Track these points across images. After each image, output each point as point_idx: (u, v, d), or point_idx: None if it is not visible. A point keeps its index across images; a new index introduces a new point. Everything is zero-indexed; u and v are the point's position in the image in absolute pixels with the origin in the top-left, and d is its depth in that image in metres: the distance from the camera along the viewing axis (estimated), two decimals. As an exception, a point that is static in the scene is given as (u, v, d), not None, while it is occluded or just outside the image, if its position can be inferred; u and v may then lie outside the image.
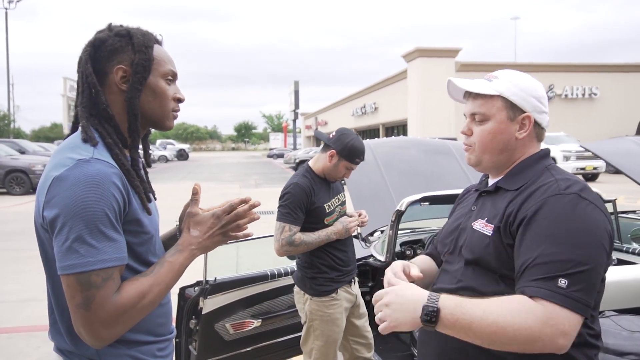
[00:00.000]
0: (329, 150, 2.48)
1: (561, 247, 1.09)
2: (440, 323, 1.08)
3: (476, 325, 1.05)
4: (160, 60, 1.28)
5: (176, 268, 1.25)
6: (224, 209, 1.32)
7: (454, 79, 1.37)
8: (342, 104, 42.61)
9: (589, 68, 26.36)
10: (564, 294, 1.05)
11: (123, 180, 1.17)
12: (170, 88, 1.30)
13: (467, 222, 1.37)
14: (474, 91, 1.33)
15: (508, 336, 1.05)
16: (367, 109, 34.58)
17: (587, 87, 25.57)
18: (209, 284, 2.52)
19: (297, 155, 26.16)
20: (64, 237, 1.09)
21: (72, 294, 1.10)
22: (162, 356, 1.31)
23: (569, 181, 1.20)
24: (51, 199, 1.11)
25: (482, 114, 1.32)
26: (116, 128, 1.25)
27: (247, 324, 2.64)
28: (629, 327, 1.60)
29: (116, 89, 1.24)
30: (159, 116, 1.29)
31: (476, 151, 1.35)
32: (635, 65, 26.86)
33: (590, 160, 16.45)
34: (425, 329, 1.18)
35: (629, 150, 3.68)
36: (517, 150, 1.33)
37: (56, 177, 1.11)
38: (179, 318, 2.57)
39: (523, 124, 1.31)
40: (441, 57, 24.57)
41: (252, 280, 2.65)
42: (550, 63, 25.85)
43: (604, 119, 24.84)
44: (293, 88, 44.17)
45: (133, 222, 1.19)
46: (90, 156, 1.14)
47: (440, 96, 23.79)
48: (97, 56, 1.24)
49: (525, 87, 1.30)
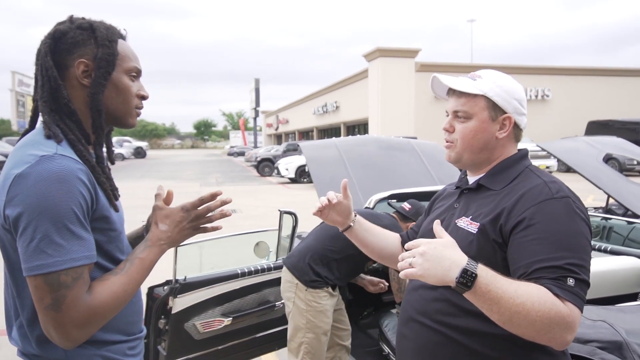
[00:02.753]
0: (409, 222, 2.74)
1: (566, 250, 1.15)
2: (472, 290, 1.07)
3: (504, 302, 1.07)
4: (124, 55, 1.24)
5: (147, 264, 1.22)
6: (193, 203, 1.30)
7: (439, 76, 1.41)
8: (304, 102, 42.58)
9: (542, 70, 27.35)
10: (575, 292, 1.12)
11: (89, 177, 1.13)
12: (134, 85, 1.27)
13: (451, 219, 1.40)
14: (459, 89, 1.36)
15: (529, 320, 1.07)
16: (329, 108, 34.70)
17: (540, 88, 26.53)
18: (178, 282, 2.50)
19: (258, 153, 25.99)
20: (29, 237, 1.04)
21: (40, 295, 1.06)
22: (132, 355, 1.28)
23: (556, 184, 1.27)
24: (13, 197, 1.06)
25: (465, 111, 1.35)
26: (78, 124, 1.20)
27: (217, 323, 2.62)
28: (591, 316, 1.69)
29: (77, 83, 1.20)
30: (121, 113, 1.26)
31: (457, 148, 1.38)
32: (585, 69, 28.07)
33: (544, 159, 17.08)
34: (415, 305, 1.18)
35: (582, 150, 3.86)
36: (496, 150, 1.37)
37: (18, 174, 1.07)
38: (147, 318, 2.53)
39: (504, 125, 1.35)
40: (401, 57, 24.91)
41: (222, 279, 2.64)
42: (506, 65, 26.60)
43: (555, 120, 25.83)
44: (253, 86, 43.88)
45: (101, 219, 1.16)
46: (53, 152, 1.10)
47: (401, 95, 24.18)
48: (57, 49, 1.19)
49: (507, 88, 1.35)
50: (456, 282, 1.07)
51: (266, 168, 22.34)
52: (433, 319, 1.33)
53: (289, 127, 49.33)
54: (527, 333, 1.10)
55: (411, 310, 1.41)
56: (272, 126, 56.37)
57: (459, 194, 1.45)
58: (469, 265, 1.08)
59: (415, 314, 1.38)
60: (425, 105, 23.94)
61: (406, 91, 24.27)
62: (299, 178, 18.23)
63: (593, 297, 2.43)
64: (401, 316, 1.47)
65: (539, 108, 26.21)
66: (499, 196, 1.30)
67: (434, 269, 1.08)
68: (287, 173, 18.88)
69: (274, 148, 26.93)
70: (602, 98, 26.94)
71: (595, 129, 19.45)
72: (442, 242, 1.12)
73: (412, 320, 1.39)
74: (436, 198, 1.62)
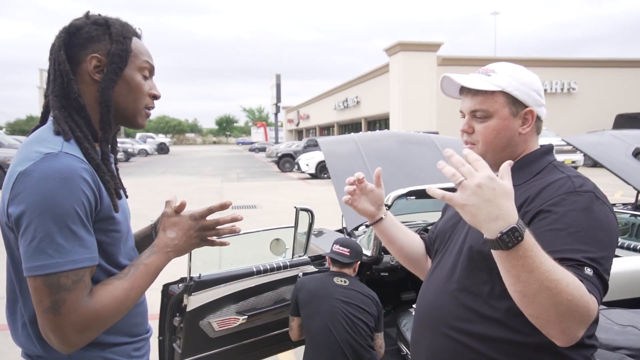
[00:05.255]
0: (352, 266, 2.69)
1: (584, 244, 1.07)
2: (514, 249, 0.95)
3: (539, 272, 0.95)
4: (137, 53, 1.23)
5: (152, 271, 1.20)
6: (202, 212, 1.28)
7: (451, 75, 1.32)
8: (324, 97, 42.53)
9: (568, 63, 26.76)
10: (594, 283, 1.04)
11: (93, 176, 1.11)
12: (146, 83, 1.25)
13: None
14: (475, 87, 1.27)
15: (556, 300, 0.96)
16: (349, 103, 34.58)
17: (566, 81, 25.97)
18: (193, 280, 2.48)
19: (279, 149, 26.03)
20: (30, 236, 1.02)
21: (39, 297, 1.03)
22: (138, 356, 1.26)
23: (581, 179, 1.20)
24: (16, 195, 1.04)
25: (484, 110, 1.27)
26: (87, 120, 1.19)
27: (233, 321, 2.60)
28: (620, 321, 1.61)
29: (88, 78, 1.18)
30: (131, 111, 1.24)
31: (480, 149, 1.29)
32: (612, 61, 27.38)
33: (569, 154, 16.72)
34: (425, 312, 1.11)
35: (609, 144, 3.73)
36: (519, 146, 1.30)
37: (21, 172, 1.05)
38: (162, 315, 2.52)
39: (526, 119, 1.28)
40: (423, 51, 24.67)
41: (237, 277, 2.61)
42: (530, 58, 26.14)
43: (582, 113, 25.27)
44: (274, 82, 43.93)
45: (105, 220, 1.14)
46: (58, 150, 1.08)
47: (422, 90, 23.94)
48: (71, 43, 1.18)
49: (525, 81, 1.27)
50: (498, 236, 0.94)
51: (287, 164, 22.36)
52: (448, 325, 1.26)
53: (310, 123, 49.35)
54: (543, 315, 0.99)
55: (424, 315, 1.35)
56: (293, 122, 56.49)
57: None
58: (519, 226, 0.95)
59: (429, 320, 1.32)
60: (448, 100, 23.41)
61: (428, 86, 24.01)
62: (320, 174, 18.18)
63: (622, 298, 2.33)
64: (414, 322, 1.41)
65: (564, 101, 25.66)
66: (520, 190, 1.22)
67: (479, 209, 0.94)
68: (308, 169, 18.87)
69: (294, 144, 26.95)
70: (631, 90, 26.23)
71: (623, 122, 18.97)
72: (503, 187, 0.96)
73: (426, 326, 1.33)
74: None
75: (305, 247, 2.95)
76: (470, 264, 1.25)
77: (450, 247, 1.37)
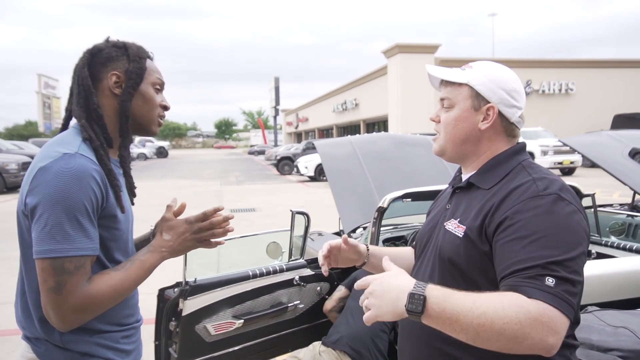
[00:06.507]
0: None
1: (547, 249, 1.06)
2: (425, 313, 1.01)
3: (463, 317, 0.99)
4: (151, 70, 1.41)
5: (146, 267, 1.34)
6: (197, 217, 1.42)
7: (429, 67, 1.38)
8: (323, 100, 42.56)
9: (565, 64, 26.79)
10: (554, 293, 1.02)
11: (102, 177, 1.25)
12: (158, 96, 1.43)
13: (442, 221, 1.33)
14: (446, 78, 1.32)
15: (495, 330, 0.98)
16: (348, 105, 34.61)
17: (563, 82, 26.00)
18: (188, 285, 2.47)
19: (278, 152, 26.03)
20: (43, 223, 1.16)
21: (45, 277, 1.17)
22: (127, 343, 1.38)
23: (546, 180, 1.17)
24: (35, 187, 1.19)
25: (449, 99, 1.32)
26: (103, 128, 1.34)
27: (229, 325, 2.59)
28: (612, 322, 1.60)
29: (109, 93, 1.35)
30: (146, 120, 1.41)
31: (441, 139, 1.34)
32: (610, 61, 27.41)
33: (568, 154, 16.74)
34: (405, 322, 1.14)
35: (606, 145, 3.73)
36: (481, 143, 1.30)
37: (41, 167, 1.20)
38: (158, 320, 2.51)
39: (487, 115, 1.28)
40: (421, 52, 24.69)
41: (233, 281, 2.61)
42: (528, 59, 26.18)
43: (580, 114, 25.29)
44: (273, 84, 44.02)
45: (108, 217, 1.27)
46: (75, 151, 1.24)
47: (421, 92, 23.96)
48: (93, 62, 1.36)
49: (495, 78, 1.28)
50: (406, 309, 1.02)
51: (286, 166, 22.36)
52: (427, 334, 1.25)
53: (309, 125, 49.38)
54: (503, 346, 1.00)
55: (407, 324, 1.34)
56: (292, 124, 56.50)
57: (452, 193, 1.38)
58: (416, 288, 1.03)
59: (408, 330, 1.34)
60: (445, 101, 23.65)
61: (426, 87, 23.90)
62: (319, 176, 18.18)
63: (616, 299, 2.33)
64: (400, 329, 1.42)
65: (562, 102, 25.69)
66: (487, 196, 1.22)
67: (385, 305, 1.05)
68: (307, 171, 18.87)
69: (293, 146, 26.93)
70: (629, 91, 26.26)
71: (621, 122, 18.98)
72: (388, 274, 1.09)
73: (409, 334, 1.34)
74: (437, 197, 1.55)
75: (301, 250, 2.95)
76: (444, 271, 1.25)
77: (427, 252, 1.37)
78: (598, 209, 3.58)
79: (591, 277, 2.48)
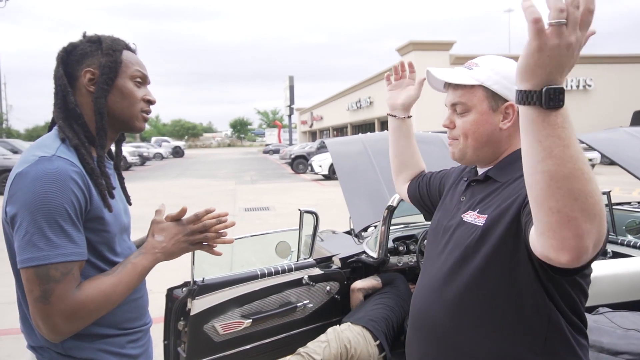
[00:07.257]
0: None
1: None
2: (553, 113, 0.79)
3: (575, 150, 0.80)
4: (128, 63, 1.33)
5: (139, 270, 1.28)
6: (189, 218, 1.38)
7: (432, 70, 1.33)
8: (337, 98, 42.47)
9: (583, 60, 26.31)
10: None
11: (84, 178, 1.19)
12: (139, 90, 1.35)
13: (457, 213, 1.31)
14: (454, 82, 1.27)
15: (586, 190, 0.80)
16: (362, 104, 34.49)
17: (581, 78, 25.59)
18: (196, 284, 2.47)
19: (292, 150, 26.04)
20: (23, 232, 1.11)
21: (30, 287, 1.12)
22: (134, 347, 1.33)
23: None
24: (13, 194, 1.13)
25: (463, 104, 1.27)
26: (84, 127, 1.29)
27: (237, 324, 2.58)
28: (624, 324, 1.55)
29: (85, 91, 1.29)
30: (127, 116, 1.33)
31: (460, 145, 1.29)
32: (629, 57, 26.89)
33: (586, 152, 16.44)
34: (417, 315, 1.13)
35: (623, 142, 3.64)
36: (502, 142, 1.27)
37: (18, 173, 1.15)
38: (166, 319, 2.52)
39: (507, 114, 1.25)
40: (435, 50, 24.48)
41: (241, 280, 2.60)
42: (545, 55, 25.77)
43: (598, 110, 24.86)
44: (288, 84, 44.07)
45: (95, 219, 1.21)
46: (52, 153, 1.17)
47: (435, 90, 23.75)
48: (68, 60, 1.30)
49: (507, 74, 1.23)
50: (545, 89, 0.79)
51: (300, 165, 22.37)
52: (438, 329, 1.24)
53: (324, 124, 49.33)
54: (568, 208, 0.81)
55: (417, 317, 1.33)
56: (307, 123, 56.51)
57: (467, 186, 1.35)
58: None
59: (421, 322, 1.31)
60: (460, 98, 23.44)
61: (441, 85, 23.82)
62: (333, 175, 18.13)
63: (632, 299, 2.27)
64: (409, 321, 1.40)
65: (580, 99, 25.28)
66: (508, 189, 1.19)
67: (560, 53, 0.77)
68: (321, 170, 18.85)
69: (308, 145, 26.92)
70: (649, 86, 25.73)
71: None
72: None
73: (418, 327, 1.32)
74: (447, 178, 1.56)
75: (310, 250, 2.93)
76: (460, 261, 1.22)
77: (442, 243, 1.33)
78: (615, 206, 3.50)
79: (606, 277, 2.42)
